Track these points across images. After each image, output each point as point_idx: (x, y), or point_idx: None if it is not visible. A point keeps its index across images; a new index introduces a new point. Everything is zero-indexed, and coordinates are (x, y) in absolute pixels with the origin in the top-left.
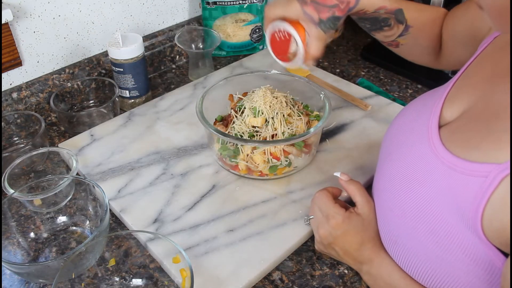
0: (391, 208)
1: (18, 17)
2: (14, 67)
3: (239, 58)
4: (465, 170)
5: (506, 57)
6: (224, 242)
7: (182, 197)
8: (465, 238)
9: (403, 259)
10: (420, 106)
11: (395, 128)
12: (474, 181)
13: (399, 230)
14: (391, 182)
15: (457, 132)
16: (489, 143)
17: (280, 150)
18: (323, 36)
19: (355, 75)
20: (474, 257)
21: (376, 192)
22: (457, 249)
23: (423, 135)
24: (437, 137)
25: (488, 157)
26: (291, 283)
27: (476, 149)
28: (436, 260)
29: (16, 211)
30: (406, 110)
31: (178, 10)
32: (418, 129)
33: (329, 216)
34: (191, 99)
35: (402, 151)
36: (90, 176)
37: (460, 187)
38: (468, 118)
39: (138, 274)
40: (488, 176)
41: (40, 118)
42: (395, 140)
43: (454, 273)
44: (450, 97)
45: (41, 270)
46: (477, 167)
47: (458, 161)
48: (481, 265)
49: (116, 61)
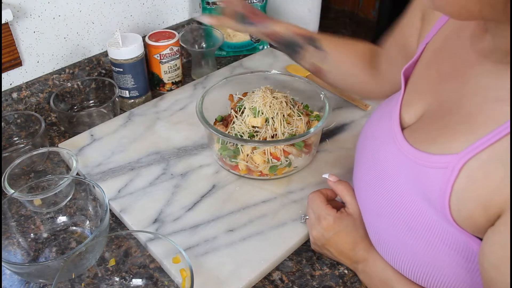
0: (368, 208)
1: (18, 17)
2: (14, 67)
3: (239, 58)
4: (427, 162)
5: (445, 59)
6: (224, 242)
7: (182, 197)
8: (441, 228)
9: (389, 257)
10: (380, 113)
11: (362, 136)
12: (436, 173)
13: (379, 230)
14: (365, 185)
15: (418, 131)
16: (445, 136)
17: (280, 150)
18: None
19: None
20: (453, 246)
21: (356, 195)
22: (437, 241)
23: (388, 137)
24: (401, 136)
25: (445, 149)
26: (291, 283)
27: (434, 143)
28: (418, 254)
29: (16, 211)
30: (370, 118)
31: (178, 10)
32: (382, 132)
33: (321, 218)
34: (191, 99)
35: (371, 155)
36: (90, 176)
37: (426, 180)
38: (426, 118)
39: (138, 274)
40: (447, 167)
41: (40, 118)
42: (364, 146)
43: (437, 264)
44: (405, 102)
45: (41, 270)
46: (437, 159)
47: (421, 155)
48: (461, 253)
49: (116, 61)
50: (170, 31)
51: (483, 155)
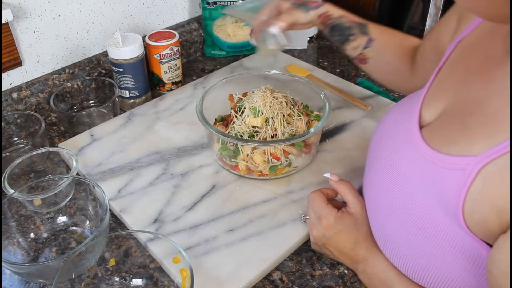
0: (379, 207)
1: (18, 17)
2: (14, 67)
3: (239, 58)
4: (445, 164)
5: (474, 57)
6: (224, 242)
7: (182, 197)
8: (451, 231)
9: (395, 257)
10: (400, 111)
11: (378, 133)
12: (454, 175)
13: (388, 228)
14: (379, 182)
15: (437, 130)
16: (465, 138)
17: (280, 150)
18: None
19: (355, 75)
20: (462, 249)
21: (365, 194)
22: (445, 243)
23: (406, 135)
24: (419, 135)
25: (465, 151)
26: (291, 283)
27: (454, 144)
28: (425, 256)
29: (16, 211)
30: (387, 115)
31: (178, 10)
32: (400, 132)
33: (321, 217)
34: (191, 99)
35: (387, 153)
36: (90, 176)
37: (442, 181)
38: (446, 117)
39: (138, 274)
40: (465, 169)
41: (40, 118)
42: (380, 144)
43: (444, 267)
44: (427, 101)
45: (41, 270)
46: (456, 160)
47: (439, 156)
48: (469, 258)
49: (116, 61)
50: (170, 31)
51: (502, 161)
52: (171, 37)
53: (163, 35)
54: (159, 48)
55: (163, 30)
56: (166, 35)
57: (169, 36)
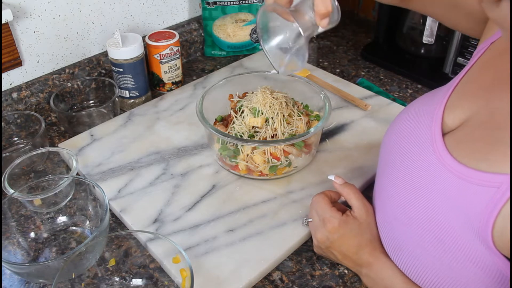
0: (396, 216)
1: (18, 17)
2: (14, 67)
3: (239, 58)
4: (475, 180)
5: (507, 63)
6: (224, 242)
7: (182, 197)
8: (473, 247)
9: (408, 266)
10: (420, 111)
11: (395, 133)
12: (485, 191)
13: (405, 238)
14: (396, 190)
15: (463, 141)
16: (497, 154)
17: (280, 150)
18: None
19: (355, 75)
20: (482, 265)
21: (378, 200)
22: (465, 258)
23: (427, 142)
24: (442, 145)
25: (497, 168)
26: (291, 283)
27: (485, 160)
28: (442, 268)
29: (16, 211)
30: (405, 114)
31: (178, 10)
32: (420, 135)
33: (326, 220)
34: (191, 99)
35: (406, 159)
36: (90, 176)
37: (469, 197)
38: (473, 127)
39: (138, 274)
40: (500, 187)
41: (40, 118)
42: (397, 146)
43: (460, 280)
44: (451, 103)
45: (41, 270)
46: (488, 177)
47: (468, 171)
48: (488, 273)
49: (116, 61)
50: (170, 31)
51: None
52: (171, 37)
53: (163, 35)
54: (159, 48)
55: (163, 30)
56: (166, 35)
57: (169, 36)
